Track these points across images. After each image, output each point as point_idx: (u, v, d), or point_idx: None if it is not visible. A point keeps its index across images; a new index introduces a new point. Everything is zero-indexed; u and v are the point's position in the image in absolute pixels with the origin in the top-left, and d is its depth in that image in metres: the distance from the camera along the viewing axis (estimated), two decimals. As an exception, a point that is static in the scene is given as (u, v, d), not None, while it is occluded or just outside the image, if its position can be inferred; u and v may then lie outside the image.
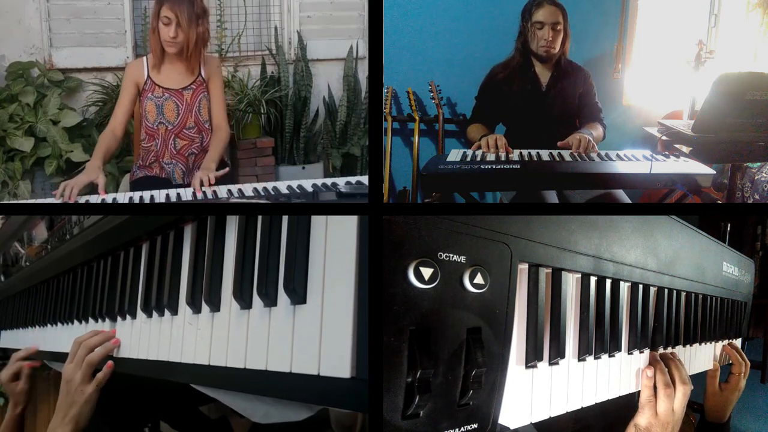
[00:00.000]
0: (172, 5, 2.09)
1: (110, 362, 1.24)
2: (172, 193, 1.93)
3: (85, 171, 2.01)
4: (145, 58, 2.25)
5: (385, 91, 2.77)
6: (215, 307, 0.99)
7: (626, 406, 1.20)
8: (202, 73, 2.25)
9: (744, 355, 1.61)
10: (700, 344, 1.44)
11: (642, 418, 1.12)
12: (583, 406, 1.00)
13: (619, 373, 1.11)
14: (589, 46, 2.86)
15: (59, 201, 1.85)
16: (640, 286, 1.15)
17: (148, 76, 2.22)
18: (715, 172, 2.01)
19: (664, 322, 1.24)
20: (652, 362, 1.17)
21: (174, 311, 1.11)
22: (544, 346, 0.91)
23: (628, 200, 2.27)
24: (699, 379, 1.26)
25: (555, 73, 2.31)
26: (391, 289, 0.68)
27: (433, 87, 2.76)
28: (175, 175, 2.27)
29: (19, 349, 1.68)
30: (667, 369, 1.16)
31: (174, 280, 1.12)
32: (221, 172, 2.04)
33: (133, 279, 1.28)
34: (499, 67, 2.35)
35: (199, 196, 1.93)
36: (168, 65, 2.22)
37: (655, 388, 1.15)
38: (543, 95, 2.32)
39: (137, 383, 1.23)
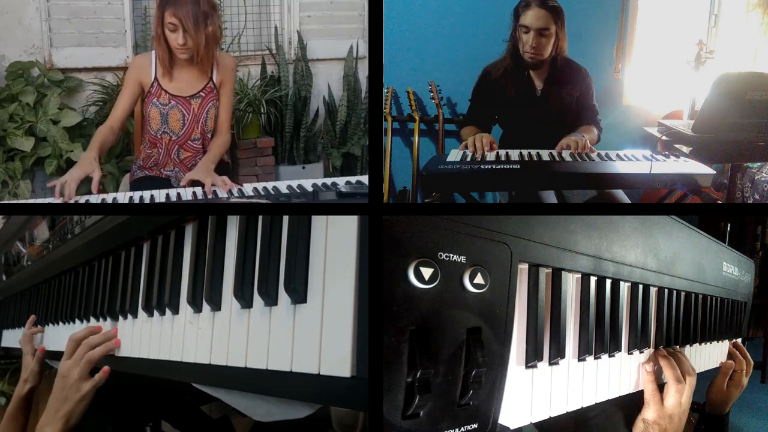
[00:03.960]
0: (175, 10, 1.94)
1: (106, 368, 1.23)
2: (173, 193, 1.93)
3: (80, 163, 1.90)
4: (153, 54, 2.08)
5: (385, 91, 2.77)
6: (216, 306, 0.99)
7: (628, 405, 1.20)
8: (214, 77, 2.12)
9: (747, 354, 1.63)
10: (700, 344, 1.44)
11: (649, 412, 1.14)
12: (583, 406, 1.00)
13: (619, 373, 1.11)
14: (589, 46, 2.86)
15: (59, 200, 1.83)
16: (640, 286, 1.15)
17: (156, 78, 2.08)
18: (715, 172, 2.01)
19: (664, 322, 1.24)
20: (659, 358, 1.18)
21: (175, 310, 1.11)
22: (544, 346, 0.91)
23: (627, 200, 2.27)
24: (698, 379, 1.26)
25: (550, 77, 2.23)
26: (391, 289, 0.68)
27: (433, 87, 2.76)
28: (176, 180, 2.18)
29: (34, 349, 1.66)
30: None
31: (175, 280, 1.13)
32: (225, 182, 1.91)
33: (134, 278, 1.28)
34: (490, 67, 2.29)
35: (188, 196, 1.86)
36: (178, 71, 2.08)
37: (662, 383, 1.16)
38: (537, 100, 2.25)
39: (138, 382, 1.24)
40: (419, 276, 0.69)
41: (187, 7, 1.94)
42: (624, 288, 1.11)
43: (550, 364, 0.92)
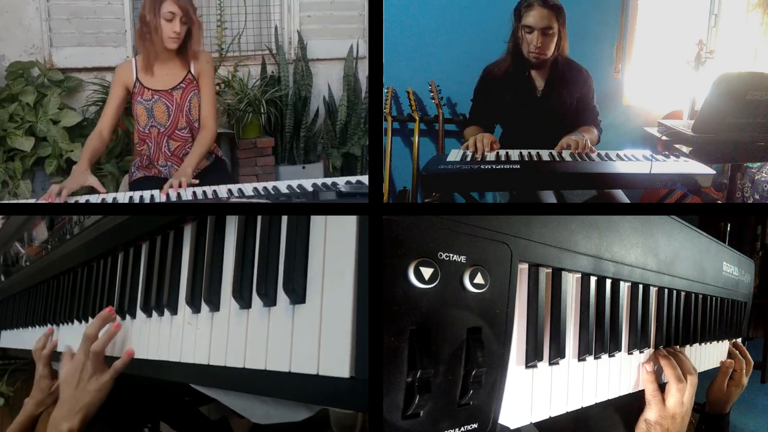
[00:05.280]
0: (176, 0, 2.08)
1: (130, 349, 1.21)
2: (172, 192, 1.93)
3: (72, 176, 1.99)
4: (133, 59, 2.22)
5: (385, 91, 2.77)
6: (215, 306, 0.99)
7: (627, 405, 1.20)
8: (192, 70, 2.22)
9: (747, 354, 1.63)
10: (700, 344, 1.44)
11: (651, 412, 1.13)
12: (583, 406, 1.00)
13: (619, 373, 1.11)
14: (589, 46, 2.86)
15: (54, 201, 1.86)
16: (640, 286, 1.15)
17: (137, 78, 2.20)
18: (715, 172, 2.01)
19: (664, 322, 1.24)
20: (659, 358, 1.18)
21: (173, 311, 1.11)
22: (544, 346, 0.91)
23: (627, 200, 2.26)
24: (699, 379, 1.26)
25: (551, 77, 2.23)
26: (391, 289, 0.68)
27: (433, 87, 2.76)
28: (171, 176, 2.24)
29: (20, 350, 1.65)
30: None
31: (174, 280, 1.12)
32: (194, 182, 2.01)
33: (133, 279, 1.28)
34: (491, 67, 2.29)
35: (163, 198, 1.90)
36: (159, 65, 2.19)
37: (662, 383, 1.16)
38: (538, 101, 2.26)
39: (137, 383, 1.23)
40: (419, 276, 0.69)
41: None
42: (624, 288, 1.11)
43: (550, 364, 0.92)
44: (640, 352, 1.17)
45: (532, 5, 2.11)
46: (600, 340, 1.04)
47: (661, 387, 1.16)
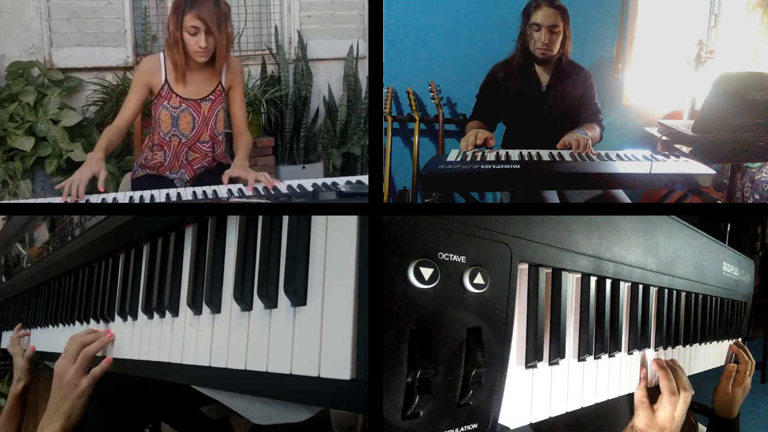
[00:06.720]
0: (198, 12, 1.93)
1: (109, 357, 1.25)
2: (173, 192, 1.92)
3: (87, 163, 1.90)
4: (162, 56, 2.08)
5: (385, 91, 2.77)
6: (216, 308, 0.99)
7: (624, 405, 1.20)
8: (223, 81, 2.13)
9: (749, 354, 1.62)
10: (700, 344, 1.44)
11: (639, 419, 1.12)
12: (583, 406, 1.00)
13: (619, 373, 1.11)
14: (589, 46, 2.86)
15: (66, 200, 1.82)
16: (640, 286, 1.15)
17: (166, 81, 2.08)
18: (715, 172, 2.00)
19: (664, 322, 1.24)
20: (657, 368, 1.17)
21: (175, 313, 1.11)
22: (544, 346, 0.91)
23: (628, 200, 2.27)
24: (699, 380, 1.26)
25: (555, 74, 2.31)
26: (391, 289, 0.68)
27: (433, 87, 2.76)
28: (180, 182, 2.18)
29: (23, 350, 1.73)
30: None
31: (175, 282, 1.13)
32: (267, 178, 1.96)
33: (134, 280, 1.28)
34: (499, 65, 2.34)
35: (188, 195, 1.87)
36: (190, 75, 2.07)
37: (656, 392, 1.15)
38: (543, 95, 2.32)
39: (138, 384, 1.24)
40: (419, 276, 0.69)
41: (209, 8, 1.94)
42: (624, 288, 1.11)
43: (550, 364, 0.92)
44: (640, 352, 1.17)
45: (540, 5, 2.23)
46: (600, 340, 1.04)
47: (653, 396, 1.15)
